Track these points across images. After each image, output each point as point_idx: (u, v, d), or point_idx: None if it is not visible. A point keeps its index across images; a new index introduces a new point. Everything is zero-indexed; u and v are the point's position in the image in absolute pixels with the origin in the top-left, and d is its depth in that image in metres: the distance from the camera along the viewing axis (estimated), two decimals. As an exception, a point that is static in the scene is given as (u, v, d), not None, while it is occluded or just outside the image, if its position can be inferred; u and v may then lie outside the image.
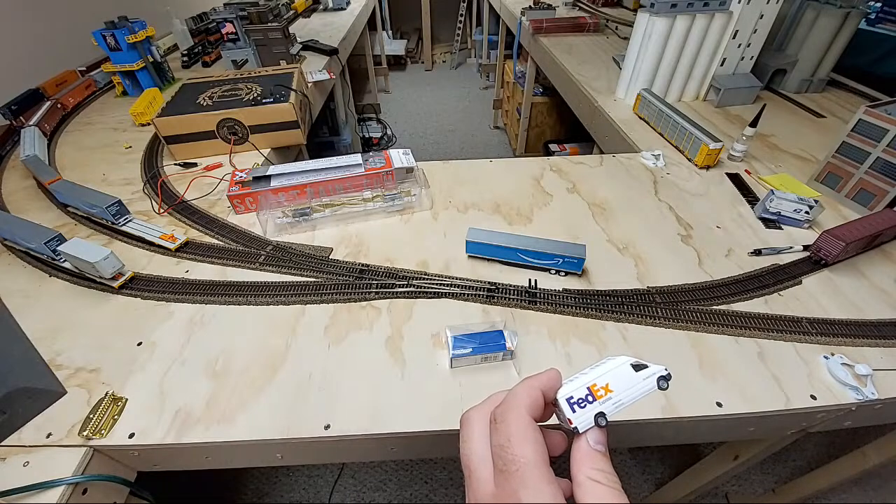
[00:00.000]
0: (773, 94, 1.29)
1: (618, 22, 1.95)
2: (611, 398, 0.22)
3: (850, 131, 0.80)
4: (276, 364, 0.57)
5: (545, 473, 0.21)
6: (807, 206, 0.76)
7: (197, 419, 0.51)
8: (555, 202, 0.87)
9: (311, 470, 1.27)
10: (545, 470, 0.21)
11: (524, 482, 0.21)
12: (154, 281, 0.69)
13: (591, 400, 0.22)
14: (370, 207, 0.82)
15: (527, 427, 0.22)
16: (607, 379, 0.23)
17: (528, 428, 0.22)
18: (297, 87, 1.06)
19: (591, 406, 0.22)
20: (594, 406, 0.22)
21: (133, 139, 1.11)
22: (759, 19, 1.12)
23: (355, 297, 0.66)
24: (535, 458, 0.21)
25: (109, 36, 1.24)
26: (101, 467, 0.50)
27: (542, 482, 0.21)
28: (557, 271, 0.69)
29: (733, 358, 0.56)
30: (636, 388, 0.22)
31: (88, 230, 0.81)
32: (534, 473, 0.21)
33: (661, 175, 0.94)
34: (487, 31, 3.47)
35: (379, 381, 0.55)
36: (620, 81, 1.27)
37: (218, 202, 0.87)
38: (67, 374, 0.56)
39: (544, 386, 0.24)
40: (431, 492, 1.22)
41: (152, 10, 1.75)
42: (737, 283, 0.67)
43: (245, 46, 1.44)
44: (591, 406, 0.22)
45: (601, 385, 0.22)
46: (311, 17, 2.29)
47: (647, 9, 1.12)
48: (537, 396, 0.23)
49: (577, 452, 0.22)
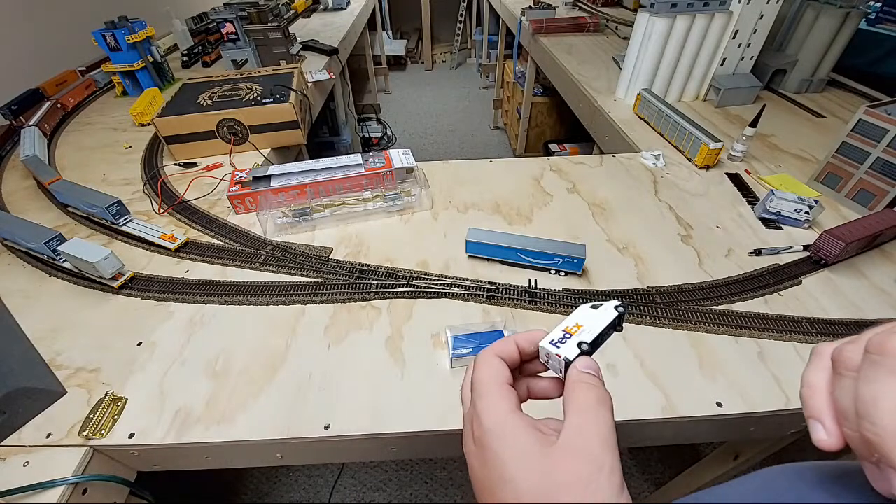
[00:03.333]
0: (773, 94, 1.29)
1: (618, 22, 1.95)
2: (584, 330, 0.27)
3: (850, 131, 0.80)
4: (276, 364, 0.57)
5: (496, 388, 0.25)
6: (807, 206, 0.76)
7: (197, 419, 0.51)
8: (555, 202, 0.87)
9: (311, 470, 1.27)
10: (496, 386, 0.25)
11: (478, 394, 0.25)
12: (154, 281, 0.69)
13: (569, 336, 0.27)
14: (370, 207, 0.82)
15: (486, 360, 0.27)
16: (576, 320, 0.28)
17: (487, 360, 0.27)
18: (297, 87, 1.06)
19: (570, 340, 0.26)
20: (573, 339, 0.26)
21: (133, 139, 1.11)
22: (759, 19, 1.12)
23: (355, 297, 0.66)
24: (489, 378, 0.25)
25: (109, 36, 1.24)
26: (101, 467, 0.50)
27: (494, 393, 0.25)
28: (557, 271, 0.69)
29: (733, 358, 0.56)
30: (600, 319, 0.27)
31: (88, 230, 0.81)
32: (486, 388, 0.25)
33: (661, 175, 0.94)
34: (487, 31, 3.47)
35: (379, 381, 0.55)
36: (620, 81, 1.27)
37: (218, 202, 0.87)
38: (67, 374, 0.56)
39: (521, 338, 0.28)
40: (431, 492, 1.22)
41: (152, 10, 1.75)
42: (737, 283, 0.67)
43: (245, 46, 1.44)
44: (570, 340, 0.26)
45: (572, 325, 0.27)
46: (311, 17, 2.29)
47: (647, 9, 1.12)
48: (509, 344, 0.28)
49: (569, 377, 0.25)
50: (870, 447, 0.17)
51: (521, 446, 0.22)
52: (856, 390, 0.18)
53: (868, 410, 0.17)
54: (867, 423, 0.17)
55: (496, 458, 0.22)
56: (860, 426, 0.18)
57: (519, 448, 0.22)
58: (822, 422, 0.20)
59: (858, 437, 0.18)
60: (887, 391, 0.17)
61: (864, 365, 0.18)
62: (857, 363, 0.19)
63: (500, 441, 0.23)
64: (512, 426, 0.23)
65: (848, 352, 0.20)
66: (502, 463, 0.22)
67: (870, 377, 0.18)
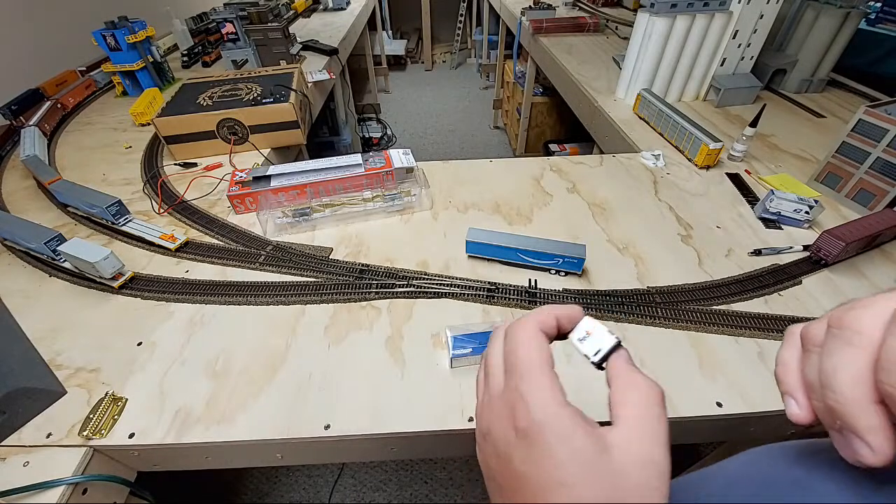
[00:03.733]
0: (773, 94, 1.29)
1: (618, 22, 1.95)
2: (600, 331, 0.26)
3: (850, 131, 0.80)
4: (276, 364, 0.57)
5: (546, 372, 0.23)
6: (807, 206, 0.76)
7: (197, 419, 0.51)
8: (555, 202, 0.87)
9: (311, 470, 1.27)
10: (546, 370, 0.23)
11: (524, 377, 0.22)
12: (154, 281, 0.69)
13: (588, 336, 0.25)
14: (370, 207, 0.82)
15: (532, 336, 0.24)
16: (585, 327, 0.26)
17: (534, 337, 0.24)
18: (297, 87, 1.06)
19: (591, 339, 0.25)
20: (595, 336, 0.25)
21: (133, 139, 1.11)
22: (759, 19, 1.12)
23: (355, 297, 0.66)
24: (538, 359, 0.23)
25: (109, 36, 1.24)
26: (101, 467, 0.50)
27: (544, 378, 0.22)
28: (557, 271, 0.69)
29: (733, 358, 0.56)
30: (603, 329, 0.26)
31: (88, 230, 0.81)
32: (534, 371, 0.22)
33: (661, 175, 0.94)
34: (487, 31, 3.47)
35: (379, 381, 0.55)
36: (620, 81, 1.27)
37: (218, 202, 0.87)
38: (67, 374, 0.56)
39: (561, 313, 0.25)
40: (431, 492, 1.22)
41: (152, 10, 1.75)
42: (737, 283, 0.67)
43: (245, 46, 1.44)
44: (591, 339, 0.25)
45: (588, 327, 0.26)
46: (311, 17, 2.29)
47: (647, 9, 1.12)
48: (549, 318, 0.25)
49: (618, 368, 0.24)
50: (833, 415, 0.19)
51: (581, 446, 0.20)
52: (819, 363, 0.20)
53: (829, 380, 0.19)
54: (829, 392, 0.19)
55: (550, 457, 0.20)
56: (823, 396, 0.19)
57: (578, 448, 0.20)
58: (795, 397, 0.21)
59: (823, 407, 0.19)
60: (845, 361, 0.18)
61: (826, 339, 0.20)
62: (822, 339, 0.20)
63: (556, 437, 0.20)
64: (570, 422, 0.21)
65: (813, 329, 0.21)
66: (558, 463, 0.20)
67: (830, 350, 0.19)
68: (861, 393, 0.18)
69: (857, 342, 0.18)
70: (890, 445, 0.17)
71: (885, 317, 0.18)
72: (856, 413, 0.18)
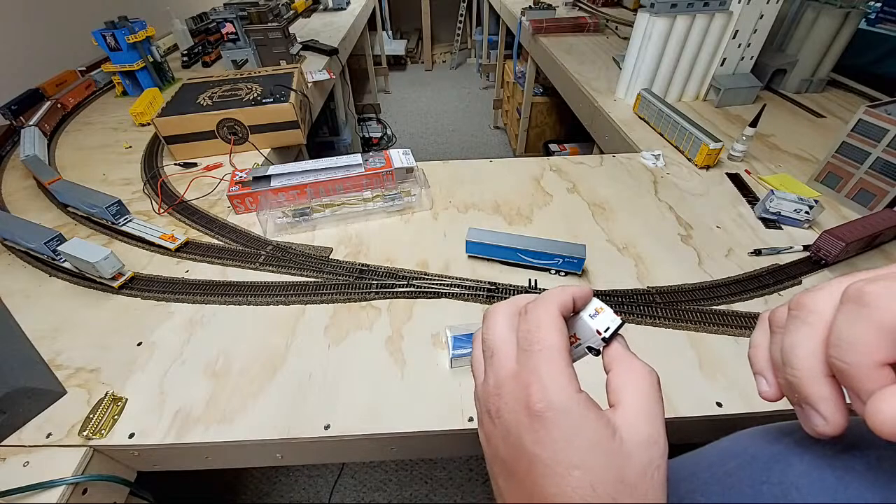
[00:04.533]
0: (773, 94, 1.29)
1: (618, 22, 1.95)
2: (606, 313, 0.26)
3: (850, 131, 0.80)
4: (276, 364, 0.57)
5: (567, 358, 0.23)
6: (807, 206, 0.76)
7: (197, 419, 0.51)
8: (555, 202, 0.87)
9: (311, 470, 1.27)
10: (567, 356, 0.23)
11: (547, 360, 0.22)
12: (154, 281, 0.69)
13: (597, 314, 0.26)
14: (370, 207, 0.82)
15: (555, 318, 0.23)
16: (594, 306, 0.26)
17: (556, 319, 0.23)
18: (297, 87, 1.06)
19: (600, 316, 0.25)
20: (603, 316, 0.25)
21: (133, 139, 1.11)
22: (759, 19, 1.12)
23: (355, 297, 0.66)
24: (560, 344, 0.23)
25: (109, 36, 1.24)
26: (101, 467, 0.50)
27: (564, 363, 0.22)
28: (557, 271, 0.69)
29: (733, 358, 0.57)
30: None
31: (88, 230, 0.81)
32: (557, 356, 0.22)
33: (661, 175, 0.94)
34: (487, 31, 3.47)
35: (379, 381, 0.55)
36: (620, 81, 1.27)
37: (218, 202, 0.87)
38: (67, 374, 0.56)
39: (576, 294, 0.25)
40: (431, 492, 1.21)
41: (152, 10, 1.75)
42: (737, 283, 0.67)
43: (245, 46, 1.44)
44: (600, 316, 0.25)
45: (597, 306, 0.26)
46: (311, 17, 2.29)
47: (647, 9, 1.12)
48: (569, 300, 0.25)
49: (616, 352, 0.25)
50: (792, 390, 0.20)
51: (595, 431, 0.21)
52: (780, 342, 0.21)
53: (788, 357, 0.20)
54: (788, 368, 0.20)
55: (566, 441, 0.20)
56: (784, 372, 0.21)
57: (592, 432, 0.20)
58: (765, 375, 0.23)
59: (785, 383, 0.21)
60: (802, 338, 0.20)
61: (787, 320, 0.21)
62: (785, 321, 0.22)
63: (573, 422, 0.21)
64: (585, 407, 0.21)
65: (778, 312, 0.23)
66: (572, 447, 0.20)
67: (790, 329, 0.21)
68: (814, 366, 0.19)
69: (812, 321, 0.20)
70: (841, 415, 0.19)
71: (836, 298, 0.19)
72: (809, 384, 0.19)
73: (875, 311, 0.17)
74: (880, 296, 0.17)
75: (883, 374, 0.17)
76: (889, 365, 0.17)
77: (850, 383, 0.18)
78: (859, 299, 0.17)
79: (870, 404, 0.16)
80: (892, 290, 0.17)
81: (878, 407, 0.16)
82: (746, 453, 0.26)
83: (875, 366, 0.17)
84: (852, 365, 0.17)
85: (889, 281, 0.17)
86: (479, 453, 0.51)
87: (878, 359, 0.17)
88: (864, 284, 0.18)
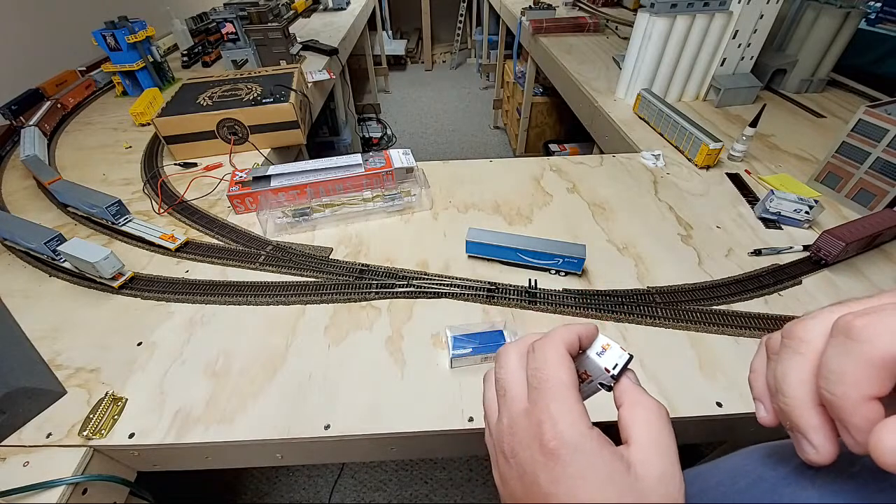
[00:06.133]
0: (773, 94, 1.29)
1: (618, 22, 1.95)
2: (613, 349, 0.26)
3: (850, 131, 0.80)
4: (276, 364, 0.57)
5: (576, 395, 0.23)
6: (807, 206, 0.76)
7: (197, 419, 0.51)
8: (555, 202, 0.87)
9: (311, 470, 1.27)
10: (577, 393, 0.23)
11: (556, 397, 0.23)
12: (154, 281, 0.69)
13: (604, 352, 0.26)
14: (370, 207, 0.82)
15: (563, 356, 0.24)
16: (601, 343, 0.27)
17: (564, 357, 0.24)
18: (297, 87, 1.06)
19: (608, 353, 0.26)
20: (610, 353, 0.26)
21: (133, 139, 1.11)
22: (759, 19, 1.12)
23: (355, 297, 0.66)
24: (568, 380, 0.23)
25: (109, 36, 1.24)
26: (101, 467, 0.50)
27: (573, 400, 0.23)
28: (557, 271, 0.69)
29: (733, 358, 0.57)
30: None
31: (88, 230, 0.81)
32: (566, 392, 0.23)
33: (661, 175, 0.94)
34: (487, 31, 3.47)
35: (379, 381, 0.55)
36: (620, 81, 1.27)
37: (218, 202, 0.87)
38: (67, 374, 0.56)
39: (581, 332, 0.26)
40: (431, 492, 1.21)
41: (152, 10, 1.75)
42: (737, 283, 0.67)
43: (245, 46, 1.44)
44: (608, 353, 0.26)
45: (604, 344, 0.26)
46: (311, 17, 2.29)
47: (647, 9, 1.12)
48: (574, 338, 0.25)
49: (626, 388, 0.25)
50: (784, 417, 0.21)
51: (609, 467, 0.21)
52: (773, 369, 0.22)
53: (780, 385, 0.21)
54: (780, 395, 0.21)
55: (581, 479, 0.21)
56: (776, 399, 0.21)
57: (605, 470, 0.21)
58: (763, 402, 0.23)
59: (779, 410, 0.21)
60: (792, 367, 0.20)
61: (780, 348, 0.22)
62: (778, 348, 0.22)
63: (587, 459, 0.21)
64: (598, 444, 0.21)
65: (773, 339, 0.23)
66: (588, 484, 0.20)
67: (782, 357, 0.21)
68: (805, 396, 0.19)
69: (803, 350, 0.20)
70: (831, 444, 0.19)
71: (827, 328, 0.19)
72: (799, 414, 0.19)
73: (863, 345, 0.17)
74: (869, 330, 0.17)
75: (870, 407, 0.17)
76: (877, 398, 0.17)
77: (839, 415, 0.18)
78: (848, 333, 0.18)
79: (872, 436, 0.16)
80: (880, 324, 0.17)
81: (880, 437, 0.16)
82: (756, 473, 0.26)
83: (863, 399, 0.17)
84: (840, 397, 0.17)
85: (877, 315, 0.17)
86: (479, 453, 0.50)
87: (866, 393, 0.17)
88: (854, 318, 0.18)
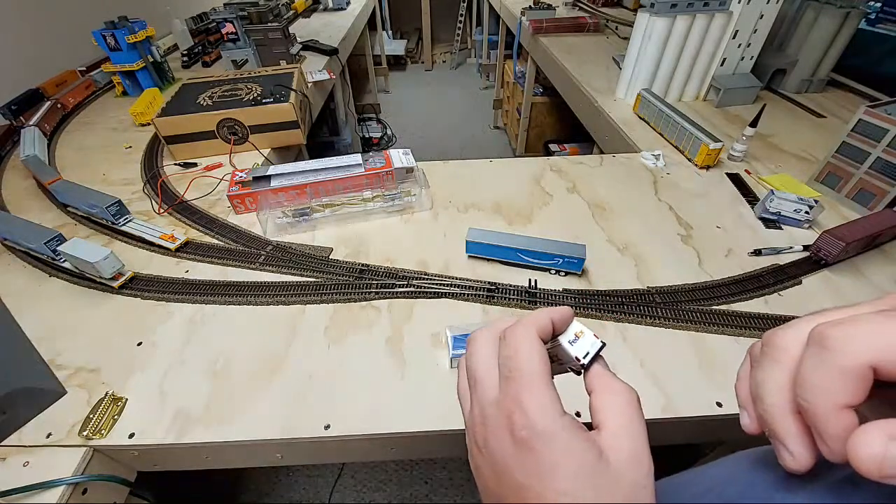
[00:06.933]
0: (773, 94, 1.29)
1: (618, 22, 1.95)
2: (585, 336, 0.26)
3: (850, 131, 0.80)
4: (276, 364, 0.57)
5: (548, 382, 0.23)
6: (807, 206, 0.76)
7: (197, 419, 0.51)
8: (555, 202, 0.87)
9: (311, 470, 1.27)
10: (548, 380, 0.23)
11: (527, 386, 0.22)
12: (154, 281, 0.69)
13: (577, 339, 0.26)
14: (370, 207, 0.82)
15: (534, 343, 0.24)
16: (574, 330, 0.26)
17: (535, 344, 0.24)
18: (297, 87, 1.06)
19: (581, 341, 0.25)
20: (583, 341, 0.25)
21: (133, 139, 1.11)
22: (759, 19, 1.12)
23: (355, 297, 0.66)
24: (539, 368, 0.23)
25: (109, 36, 1.24)
26: (101, 467, 0.50)
27: (545, 388, 0.22)
28: (557, 271, 0.69)
29: (733, 358, 0.56)
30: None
31: (88, 230, 0.81)
32: (537, 380, 0.22)
33: (662, 175, 0.94)
34: (487, 31, 3.47)
35: (379, 381, 0.55)
36: (620, 81, 1.27)
37: (218, 202, 0.87)
38: (67, 374, 0.56)
39: (555, 316, 0.25)
40: (431, 492, 1.21)
41: (152, 10, 1.75)
42: (737, 283, 0.67)
43: (245, 46, 1.43)
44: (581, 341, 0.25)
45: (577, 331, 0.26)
46: (311, 17, 2.29)
47: (647, 9, 1.12)
48: (546, 323, 0.25)
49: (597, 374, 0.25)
50: (763, 424, 0.21)
51: (580, 456, 0.20)
52: (754, 377, 0.22)
53: (758, 392, 0.21)
54: (759, 402, 0.21)
55: (551, 467, 0.20)
56: (756, 407, 0.21)
57: (577, 458, 0.20)
58: (747, 409, 0.23)
59: (759, 417, 0.21)
60: (769, 375, 0.20)
61: (760, 356, 0.22)
62: None
63: (559, 447, 0.20)
64: (570, 432, 0.21)
65: (756, 347, 0.23)
66: (559, 474, 0.20)
67: (761, 365, 0.21)
68: (782, 403, 0.20)
69: (781, 358, 0.20)
70: (808, 452, 0.19)
71: (804, 337, 0.19)
72: (777, 421, 0.20)
73: (836, 355, 0.17)
74: (842, 340, 0.17)
75: (844, 416, 0.17)
76: (852, 407, 0.17)
77: (813, 423, 0.18)
78: (822, 342, 0.18)
79: (849, 444, 0.16)
80: (853, 334, 0.17)
81: (855, 445, 0.16)
82: (747, 478, 0.26)
83: (836, 408, 0.17)
84: (814, 406, 0.18)
85: (852, 324, 0.17)
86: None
87: (839, 401, 0.17)
88: (826, 328, 0.18)
